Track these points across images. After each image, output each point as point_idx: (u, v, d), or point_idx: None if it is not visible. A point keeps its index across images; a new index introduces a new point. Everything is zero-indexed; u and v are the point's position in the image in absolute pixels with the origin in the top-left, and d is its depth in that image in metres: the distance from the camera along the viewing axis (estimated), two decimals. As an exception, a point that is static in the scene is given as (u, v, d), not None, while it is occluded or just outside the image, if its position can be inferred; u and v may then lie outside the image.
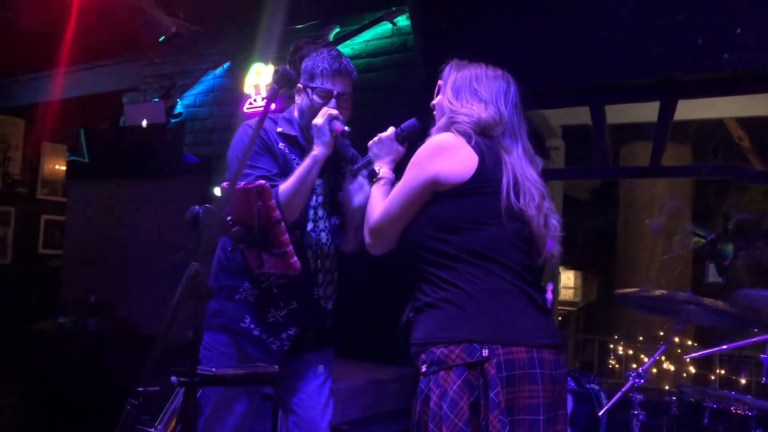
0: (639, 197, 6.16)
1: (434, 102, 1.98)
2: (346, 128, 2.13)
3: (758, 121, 5.84)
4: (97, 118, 7.04)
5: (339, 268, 2.31)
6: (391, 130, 2.09)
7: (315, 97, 2.19)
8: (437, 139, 1.81)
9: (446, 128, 1.84)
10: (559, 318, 7.91)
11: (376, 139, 2.09)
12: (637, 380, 2.62)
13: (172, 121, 5.20)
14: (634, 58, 3.77)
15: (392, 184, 1.93)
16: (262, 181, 1.65)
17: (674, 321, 2.76)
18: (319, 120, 2.12)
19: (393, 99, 4.41)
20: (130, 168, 4.41)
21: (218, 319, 2.16)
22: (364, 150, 2.16)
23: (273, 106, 1.89)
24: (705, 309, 2.69)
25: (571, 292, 12.64)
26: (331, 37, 4.66)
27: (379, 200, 1.88)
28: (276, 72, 1.78)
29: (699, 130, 6.16)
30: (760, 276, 6.27)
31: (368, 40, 4.59)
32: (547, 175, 5.04)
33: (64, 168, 7.60)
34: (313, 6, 4.71)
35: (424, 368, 1.67)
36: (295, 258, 1.71)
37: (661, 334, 5.46)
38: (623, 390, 2.67)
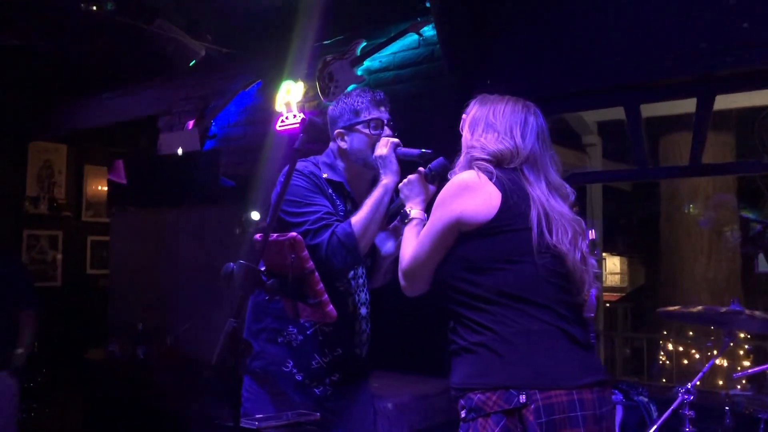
0: (681, 190, 6.02)
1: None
2: (427, 150, 2.13)
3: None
4: (135, 140, 7.23)
5: (372, 315, 2.33)
6: (420, 170, 2.10)
7: (370, 131, 2.20)
8: (459, 178, 1.79)
9: (466, 165, 1.84)
10: (607, 305, 7.78)
11: (405, 180, 2.09)
12: (686, 396, 2.57)
13: (207, 143, 5.27)
14: (667, 55, 3.68)
15: (424, 224, 1.92)
16: (295, 233, 1.67)
17: (720, 331, 2.68)
18: (382, 150, 2.13)
19: (423, 109, 4.39)
20: (170, 196, 4.49)
21: (257, 361, 2.17)
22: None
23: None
24: (752, 319, 2.63)
25: (617, 277, 12.48)
26: (358, 52, 4.67)
27: (410, 242, 1.88)
28: (303, 121, 1.80)
29: (741, 117, 5.99)
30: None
31: (395, 52, 4.58)
32: (583, 177, 5.00)
33: (106, 189, 7.80)
34: (339, 21, 4.71)
35: (463, 414, 1.67)
36: (331, 306, 1.72)
37: (712, 328, 5.32)
38: (672, 408, 2.61)
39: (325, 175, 2.21)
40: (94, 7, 4.45)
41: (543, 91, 4.03)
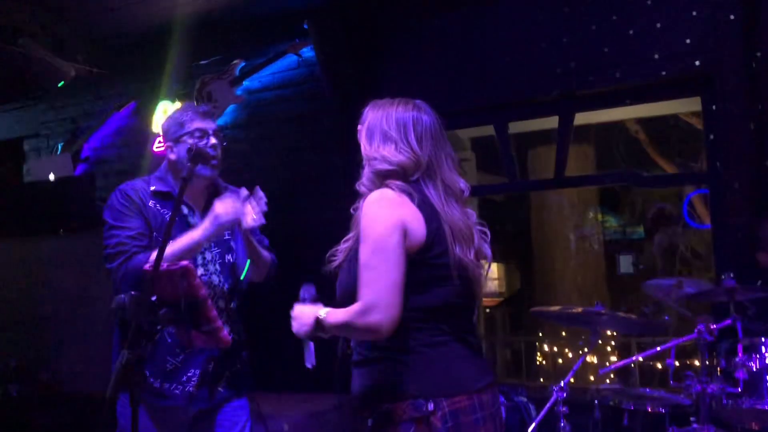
0: (549, 199, 6.43)
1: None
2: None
3: (655, 120, 6.24)
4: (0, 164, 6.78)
5: (237, 308, 2.37)
6: (299, 303, 1.87)
7: (194, 140, 2.27)
8: (381, 193, 1.72)
9: (373, 178, 1.79)
10: (487, 310, 8.11)
11: (294, 312, 1.84)
12: (560, 394, 2.78)
13: (79, 166, 5.06)
14: (531, 77, 3.97)
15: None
16: (186, 262, 1.68)
17: (589, 332, 2.92)
18: (249, 221, 2.23)
19: (306, 129, 4.46)
20: (42, 223, 4.27)
21: None
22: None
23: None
24: (616, 320, 2.88)
25: (495, 283, 12.99)
26: (237, 72, 4.66)
27: (344, 312, 1.71)
28: (189, 151, 1.80)
29: (600, 130, 6.48)
30: (672, 260, 6.68)
31: (275, 73, 4.62)
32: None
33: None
34: (217, 41, 4.70)
35: (370, 423, 1.71)
36: (225, 332, 1.74)
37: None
38: (547, 406, 2.81)
39: (152, 188, 2.31)
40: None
41: (419, 110, 4.21)
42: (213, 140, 2.30)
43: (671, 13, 3.60)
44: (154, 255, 2.00)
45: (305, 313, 1.78)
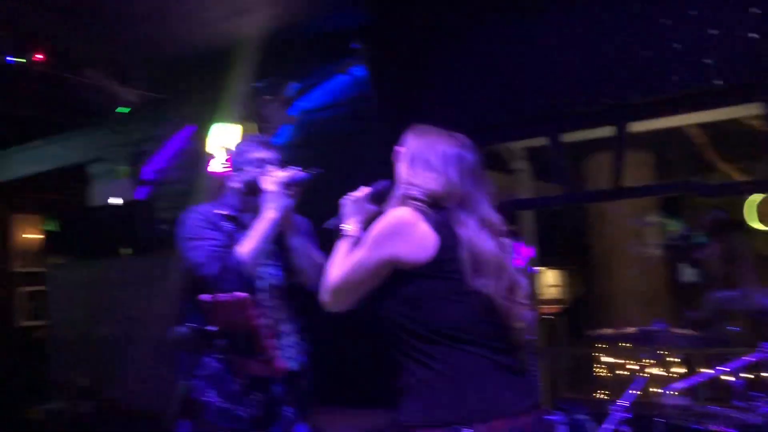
0: (607, 206, 6.30)
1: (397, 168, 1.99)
2: (317, 170, 2.37)
3: (715, 124, 6.04)
4: (66, 187, 7.07)
5: (301, 329, 2.41)
6: (363, 190, 2.12)
7: (254, 169, 2.41)
8: (395, 215, 1.82)
9: (401, 201, 1.87)
10: (546, 318, 7.98)
11: (347, 198, 2.11)
12: (620, 414, 2.72)
13: (140, 189, 5.23)
14: (584, 86, 3.91)
15: (357, 241, 1.95)
16: (243, 294, 1.73)
17: (650, 349, 2.85)
18: (269, 186, 2.32)
19: (357, 148, 4.50)
20: (105, 246, 4.43)
21: None
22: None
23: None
24: (677, 337, 2.81)
25: (555, 290, 12.81)
26: (290, 92, 4.75)
27: (341, 259, 1.91)
28: (246, 183, 1.91)
29: (658, 136, 6.32)
30: (732, 269, 6.44)
31: (326, 92, 4.68)
32: (512, 205, 5.18)
33: (35, 236, 7.59)
34: (271, 63, 4.79)
35: None
36: (279, 360, 1.78)
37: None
38: (608, 427, 2.76)
39: (220, 211, 2.44)
40: (22, 60, 4.41)
41: (470, 124, 4.19)
42: (274, 169, 2.39)
43: (727, 19, 3.49)
44: (244, 246, 2.22)
45: (355, 208, 2.07)
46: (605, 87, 3.86)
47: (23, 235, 7.75)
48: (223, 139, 4.90)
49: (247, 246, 2.24)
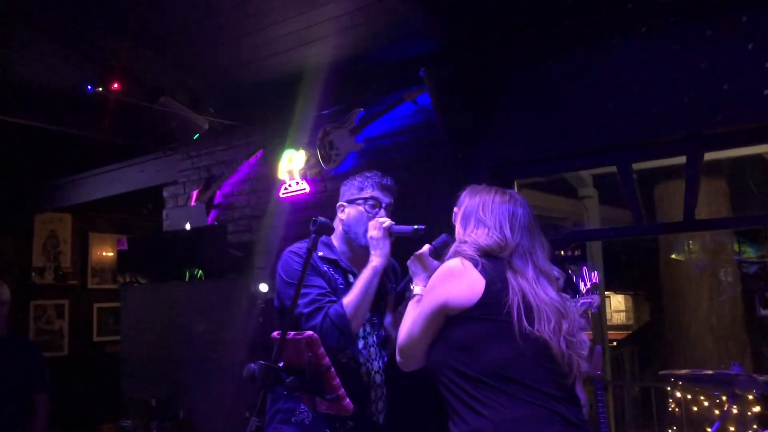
0: (678, 236, 6.12)
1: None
2: (420, 226, 2.26)
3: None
4: (140, 208, 7.36)
5: (388, 381, 2.38)
6: (425, 248, 2.20)
7: (366, 208, 2.37)
8: (447, 265, 1.92)
9: (454, 255, 1.96)
10: (613, 343, 7.78)
11: (411, 257, 2.20)
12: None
13: (212, 212, 5.38)
14: (656, 116, 3.81)
15: None
16: (311, 333, 1.75)
17: (727, 390, 2.73)
18: (374, 232, 2.27)
19: (422, 176, 4.52)
20: (177, 269, 4.58)
21: None
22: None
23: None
24: (756, 382, 2.69)
25: (623, 315, 12.51)
26: (357, 120, 4.81)
27: (408, 318, 1.99)
28: (314, 222, 1.93)
29: (734, 164, 6.12)
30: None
31: (392, 120, 4.72)
32: (579, 236, 5.07)
33: (110, 255, 7.91)
34: (338, 91, 4.88)
35: None
36: (348, 400, 1.79)
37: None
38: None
39: (320, 254, 2.34)
40: (101, 89, 4.63)
41: (537, 154, 4.17)
42: (383, 214, 2.37)
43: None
44: (347, 299, 2.17)
45: (420, 266, 2.15)
46: (678, 117, 3.76)
47: (99, 254, 8.08)
48: (292, 165, 5.01)
49: (352, 298, 2.18)
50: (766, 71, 3.47)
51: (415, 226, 2.25)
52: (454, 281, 1.85)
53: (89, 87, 4.60)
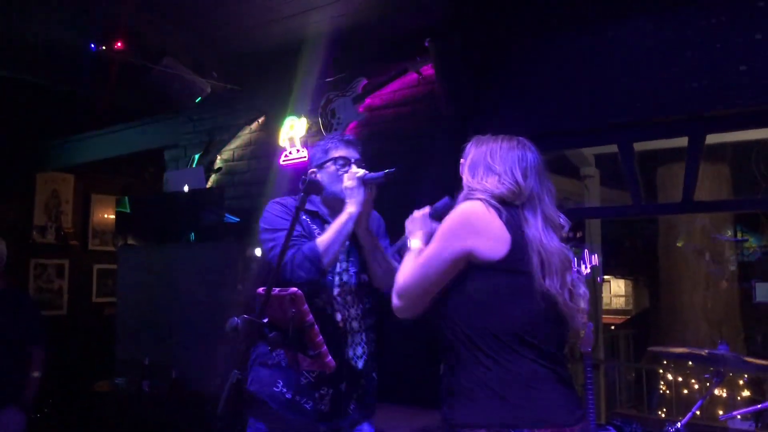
0: (678, 221, 6.10)
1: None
2: (390, 170, 2.29)
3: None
4: (142, 170, 7.36)
5: (370, 327, 2.43)
6: (425, 209, 2.15)
7: (337, 167, 2.44)
8: (469, 207, 1.81)
9: (464, 201, 1.87)
10: (612, 327, 7.83)
11: (410, 217, 2.14)
12: (676, 435, 2.64)
13: (212, 177, 5.39)
14: (659, 95, 3.79)
15: None
16: (295, 289, 1.76)
17: (714, 371, 2.75)
18: (349, 182, 2.33)
19: (423, 147, 4.50)
20: (175, 232, 4.59)
21: (252, 386, 2.25)
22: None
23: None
24: (741, 362, 2.70)
25: (622, 300, 12.52)
26: (360, 89, 4.79)
27: (409, 266, 1.89)
28: (303, 181, 1.93)
29: (737, 149, 6.08)
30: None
31: (395, 90, 4.69)
32: (580, 213, 5.06)
33: (112, 216, 7.93)
34: (342, 60, 4.85)
35: None
36: (330, 357, 1.81)
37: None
38: (662, 448, 2.68)
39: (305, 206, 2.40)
40: (104, 48, 4.60)
41: (539, 129, 4.14)
42: (355, 168, 2.40)
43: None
44: (323, 238, 2.24)
45: (419, 224, 2.07)
46: (682, 97, 3.73)
47: (101, 215, 8.11)
48: (293, 132, 5.00)
49: (325, 238, 2.25)
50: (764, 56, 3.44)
51: (386, 171, 2.28)
52: (480, 230, 1.76)
53: (92, 46, 4.57)
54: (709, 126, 3.80)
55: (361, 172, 2.36)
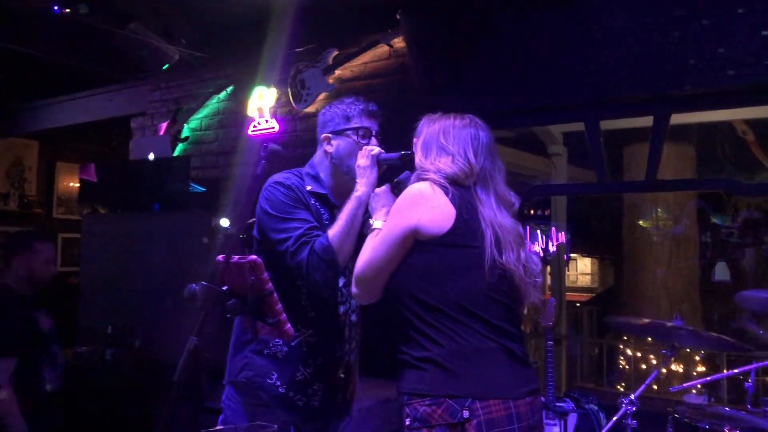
0: (643, 200, 6.20)
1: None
2: (407, 152, 2.09)
3: (764, 121, 5.86)
4: (108, 139, 7.24)
5: (362, 319, 2.33)
6: (385, 185, 2.12)
7: (357, 138, 2.21)
8: (416, 188, 1.84)
9: (418, 180, 1.90)
10: (577, 305, 7.98)
11: (372, 193, 2.10)
12: (629, 407, 2.71)
13: (179, 146, 5.32)
14: (625, 74, 3.82)
15: None
16: (254, 256, 1.75)
17: (669, 345, 2.82)
18: (364, 160, 2.13)
19: (394, 121, 4.47)
20: (141, 200, 4.54)
21: (244, 372, 2.17)
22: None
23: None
24: (695, 335, 2.77)
25: (588, 278, 12.74)
26: (330, 60, 4.75)
27: (368, 246, 1.91)
28: (264, 148, 1.85)
29: (702, 130, 6.18)
30: (763, 273, 6.31)
31: (366, 62, 4.66)
32: (545, 190, 5.11)
33: (78, 185, 7.80)
34: (312, 30, 4.79)
35: (407, 422, 1.76)
36: (289, 325, 1.81)
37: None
38: (615, 419, 2.75)
39: (309, 188, 2.21)
40: (68, 10, 4.49)
41: (506, 105, 4.17)
42: (374, 142, 2.23)
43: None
44: (332, 231, 2.04)
45: (382, 201, 2.04)
46: (649, 77, 3.77)
47: (66, 183, 7.97)
48: (262, 102, 4.95)
49: (337, 230, 2.05)
50: (736, 38, 3.48)
51: (402, 152, 2.09)
52: (425, 205, 1.79)
53: (56, 8, 4.45)
54: (674, 106, 3.85)
55: (377, 150, 2.16)
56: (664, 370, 4.88)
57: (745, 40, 3.45)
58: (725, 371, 5.19)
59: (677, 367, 5.56)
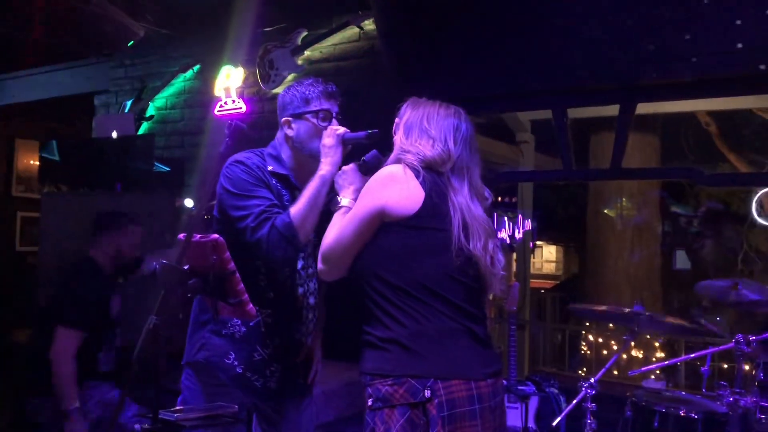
0: (608, 187, 6.29)
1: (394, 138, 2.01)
2: (374, 131, 2.08)
3: (728, 113, 5.98)
4: (70, 116, 7.07)
5: (322, 302, 2.33)
6: (353, 164, 2.11)
7: (317, 121, 2.18)
8: (387, 170, 1.87)
9: (395, 162, 1.91)
10: (541, 291, 8.08)
11: (339, 171, 2.10)
12: (588, 391, 2.76)
13: (144, 124, 5.22)
14: (593, 63, 3.84)
15: None
16: (216, 236, 1.73)
17: (629, 331, 2.87)
18: (328, 140, 2.11)
19: (363, 103, 4.44)
20: (103, 179, 4.45)
21: (202, 352, 2.15)
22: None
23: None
24: (654, 321, 2.82)
25: (553, 265, 12.92)
26: (299, 41, 4.70)
27: (336, 224, 1.92)
28: (228, 126, 1.81)
29: (667, 121, 6.27)
30: (723, 263, 6.46)
31: (336, 44, 4.62)
32: (512, 176, 5.14)
33: (38, 163, 7.62)
34: (281, 9, 4.73)
35: (369, 402, 1.76)
36: (251, 306, 1.79)
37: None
38: (574, 402, 2.80)
39: (270, 168, 2.18)
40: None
41: (476, 91, 4.16)
42: (335, 124, 2.19)
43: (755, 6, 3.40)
44: (294, 208, 2.03)
45: (349, 179, 2.05)
46: (616, 66, 3.79)
47: (26, 161, 7.78)
48: (229, 81, 4.87)
49: (299, 208, 2.04)
50: (703, 27, 3.52)
51: (369, 131, 2.08)
52: (394, 186, 1.81)
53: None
54: (640, 95, 3.89)
55: (342, 129, 2.13)
56: (624, 356, 4.97)
57: (712, 29, 3.50)
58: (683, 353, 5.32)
59: (637, 353, 5.68)
